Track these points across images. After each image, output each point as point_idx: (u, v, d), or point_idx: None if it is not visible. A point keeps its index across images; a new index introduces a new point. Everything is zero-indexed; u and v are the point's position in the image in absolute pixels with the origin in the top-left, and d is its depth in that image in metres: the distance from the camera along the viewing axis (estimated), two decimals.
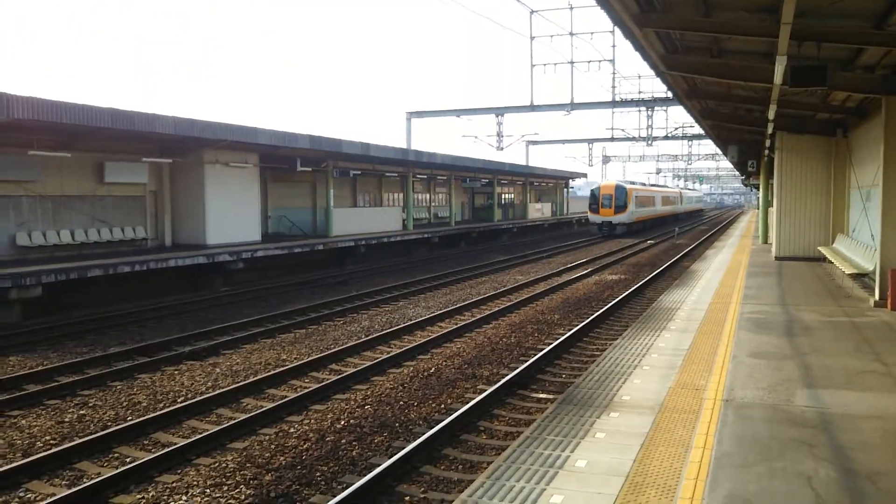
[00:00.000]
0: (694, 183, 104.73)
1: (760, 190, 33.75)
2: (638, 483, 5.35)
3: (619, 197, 47.65)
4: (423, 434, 8.29)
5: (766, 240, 29.73)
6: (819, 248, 20.30)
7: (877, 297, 13.18)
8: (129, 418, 9.50)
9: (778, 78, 10.55)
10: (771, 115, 15.14)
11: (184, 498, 6.92)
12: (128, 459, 8.12)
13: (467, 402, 9.62)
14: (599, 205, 48.20)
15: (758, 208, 38.75)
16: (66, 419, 9.51)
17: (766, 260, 22.20)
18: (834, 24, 10.42)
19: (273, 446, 8.25)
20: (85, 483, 7.24)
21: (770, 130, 19.25)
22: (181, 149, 23.16)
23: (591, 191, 49.95)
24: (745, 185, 69.41)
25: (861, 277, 15.33)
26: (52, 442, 8.63)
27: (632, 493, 5.17)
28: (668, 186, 76.82)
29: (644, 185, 61.77)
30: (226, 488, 7.11)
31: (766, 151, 25.75)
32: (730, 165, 66.97)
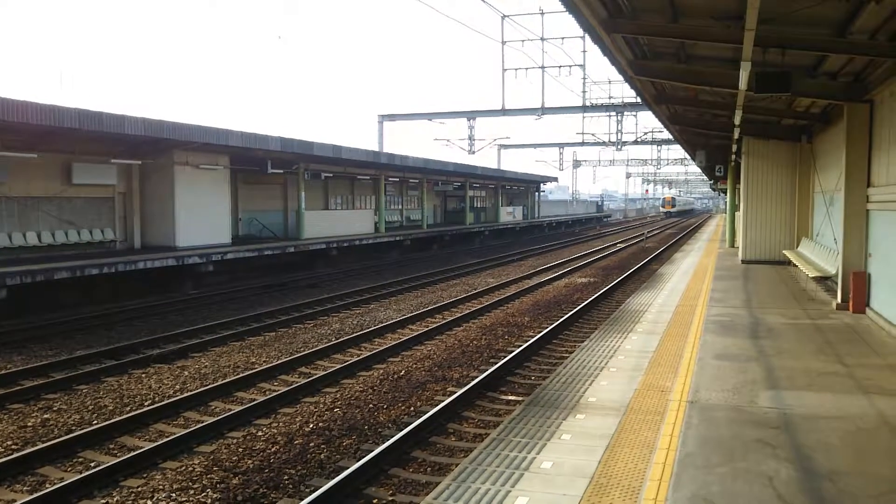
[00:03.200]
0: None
1: (728, 194, 34.17)
2: (602, 484, 5.41)
3: (673, 200, 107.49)
4: (392, 437, 8.30)
5: (732, 243, 30.11)
6: (784, 252, 20.62)
7: (839, 299, 13.43)
8: (95, 422, 9.39)
9: (743, 84, 10.70)
10: (737, 120, 15.35)
11: (149, 502, 6.86)
12: (92, 464, 8.03)
13: (437, 405, 9.64)
14: (665, 203, 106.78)
15: (725, 212, 39.30)
16: (30, 423, 9.37)
17: (732, 263, 22.50)
18: (797, 32, 10.60)
19: (241, 450, 8.20)
20: (48, 488, 7.15)
21: (737, 135, 19.53)
22: (151, 150, 22.91)
23: (662, 198, 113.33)
24: (714, 190, 70.26)
25: (824, 280, 15.59)
26: (14, 447, 8.51)
27: (596, 494, 5.23)
28: (680, 196, 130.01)
29: (679, 195, 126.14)
30: (192, 492, 7.06)
31: (733, 156, 26.10)
32: (698, 170, 67.77)
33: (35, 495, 6.89)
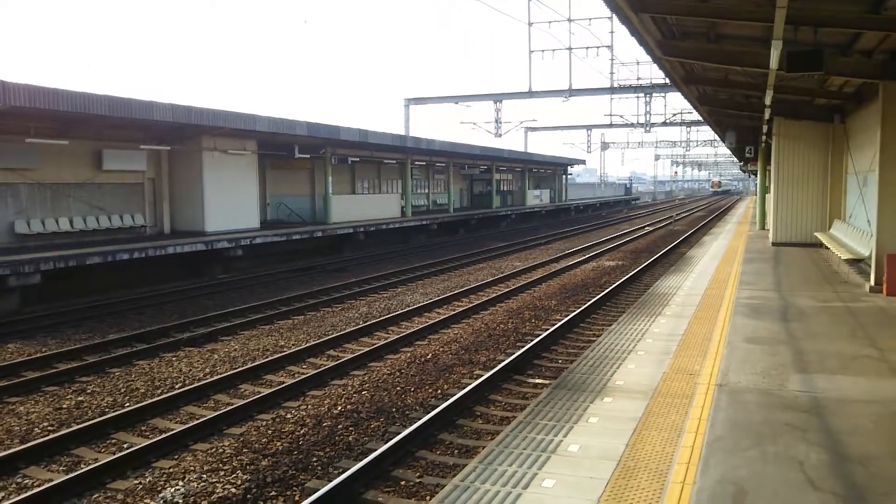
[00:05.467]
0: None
1: (758, 176, 33.71)
2: (630, 467, 5.39)
3: (719, 183, 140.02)
4: (420, 419, 8.33)
5: (763, 226, 29.74)
6: (816, 234, 20.32)
7: (872, 282, 13.22)
8: (127, 404, 9.55)
9: (774, 63, 10.51)
10: (767, 100, 15.09)
11: (180, 483, 6.96)
12: (125, 445, 8.17)
13: (464, 388, 9.66)
14: (713, 185, 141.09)
15: (755, 195, 38.84)
16: (64, 405, 9.55)
17: (762, 246, 22.23)
18: (830, 8, 10.38)
19: (270, 432, 8.29)
20: (82, 469, 7.29)
21: (767, 116, 19.21)
22: (179, 136, 23.12)
23: (711, 181, 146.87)
24: (744, 172, 69.31)
25: (857, 263, 15.35)
26: (49, 428, 8.68)
27: (623, 477, 5.22)
28: (723, 181, 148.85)
29: (722, 179, 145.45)
30: (222, 473, 7.16)
31: (764, 137, 25.72)
32: (728, 151, 66.88)
33: (70, 475, 7.03)
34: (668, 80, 18.03)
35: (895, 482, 5.06)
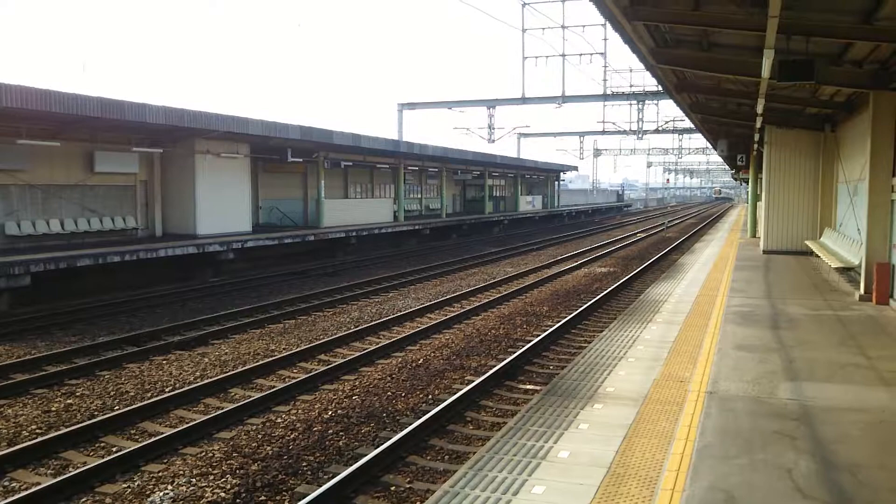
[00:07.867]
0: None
1: (749, 184, 33.85)
2: (620, 474, 5.40)
3: (720, 191, 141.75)
4: (410, 424, 8.32)
5: (754, 234, 29.86)
6: (806, 242, 20.41)
7: (862, 290, 13.29)
8: (117, 407, 9.50)
9: (766, 72, 10.58)
10: (759, 109, 15.18)
11: (169, 487, 6.94)
12: (114, 448, 8.13)
13: (455, 393, 9.65)
14: (714, 192, 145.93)
15: (745, 202, 38.98)
16: (53, 408, 9.50)
17: (753, 254, 22.31)
18: (822, 18, 10.45)
19: (260, 436, 8.27)
20: (70, 472, 7.25)
21: (759, 125, 19.32)
22: (172, 138, 23.07)
23: (712, 189, 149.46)
24: (735, 179, 69.59)
25: (847, 271, 15.42)
26: (37, 431, 8.63)
27: (613, 483, 5.22)
28: (723, 189, 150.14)
29: (722, 188, 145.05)
30: (212, 477, 7.13)
31: (756, 146, 25.84)
32: (720, 159, 67.12)
33: (58, 479, 6.99)
34: (660, 88, 18.13)
35: (882, 490, 5.08)
